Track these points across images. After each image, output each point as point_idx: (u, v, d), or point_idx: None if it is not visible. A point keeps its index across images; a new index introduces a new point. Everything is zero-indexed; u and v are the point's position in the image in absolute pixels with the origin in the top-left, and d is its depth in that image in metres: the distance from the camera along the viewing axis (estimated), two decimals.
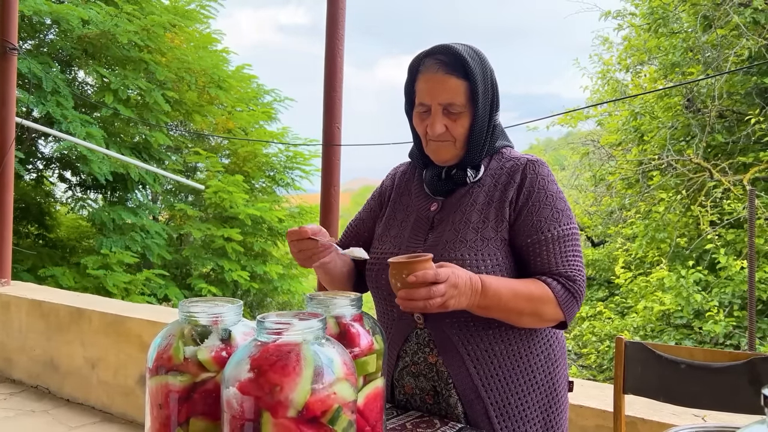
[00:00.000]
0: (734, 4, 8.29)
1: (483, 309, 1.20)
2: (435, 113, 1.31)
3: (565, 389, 1.40)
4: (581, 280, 1.28)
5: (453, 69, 1.29)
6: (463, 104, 1.30)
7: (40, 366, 3.88)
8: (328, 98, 3.26)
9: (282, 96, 10.93)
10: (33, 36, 8.72)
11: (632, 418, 1.90)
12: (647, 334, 7.76)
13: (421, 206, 1.41)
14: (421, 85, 1.33)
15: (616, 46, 10.88)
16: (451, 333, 1.29)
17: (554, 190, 1.32)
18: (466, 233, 1.30)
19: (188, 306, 0.96)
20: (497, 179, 1.35)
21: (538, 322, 1.27)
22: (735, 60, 8.22)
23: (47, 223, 9.39)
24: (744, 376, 1.49)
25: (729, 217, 7.87)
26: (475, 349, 1.28)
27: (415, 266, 1.09)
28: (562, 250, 1.28)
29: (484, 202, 1.33)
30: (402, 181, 1.50)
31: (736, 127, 8.65)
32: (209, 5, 9.80)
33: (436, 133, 1.31)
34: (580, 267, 1.29)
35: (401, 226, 1.41)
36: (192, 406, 0.91)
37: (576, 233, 1.32)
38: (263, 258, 9.64)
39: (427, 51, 1.34)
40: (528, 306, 1.22)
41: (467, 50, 1.32)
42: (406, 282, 1.09)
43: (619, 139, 10.40)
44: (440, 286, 1.09)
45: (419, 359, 1.33)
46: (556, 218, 1.29)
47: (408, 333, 1.34)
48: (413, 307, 1.10)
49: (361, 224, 1.54)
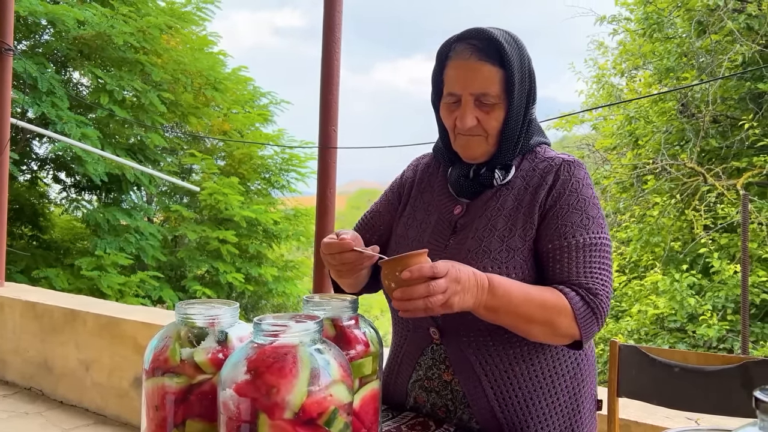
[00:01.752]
0: (728, 9, 8.36)
1: (491, 311, 1.06)
2: (465, 104, 1.17)
3: (592, 409, 1.28)
4: (605, 296, 1.12)
5: (487, 55, 1.15)
6: (497, 95, 1.16)
7: (33, 368, 3.86)
8: (325, 101, 3.27)
9: (278, 98, 10.95)
10: (28, 37, 8.70)
11: (626, 421, 1.91)
12: (641, 337, 7.79)
13: (444, 207, 1.28)
14: (450, 73, 1.19)
15: (611, 51, 10.94)
16: (468, 352, 1.18)
17: (588, 195, 1.19)
18: (491, 242, 1.17)
19: (185, 308, 0.96)
20: (528, 181, 1.21)
21: (550, 336, 1.11)
22: (729, 65, 8.28)
23: (41, 224, 9.37)
24: (737, 379, 1.50)
25: (722, 222, 7.92)
26: (494, 370, 1.18)
27: (408, 261, 0.97)
28: (587, 259, 1.14)
29: (513, 207, 1.20)
30: (425, 175, 1.36)
31: (729, 132, 8.71)
32: (206, 7, 9.80)
33: (467, 126, 1.18)
34: (605, 281, 1.14)
35: (421, 227, 1.29)
36: (188, 408, 0.92)
37: (607, 244, 1.17)
38: (258, 260, 9.63)
39: (459, 35, 1.20)
40: (540, 314, 1.08)
41: (503, 35, 1.18)
42: (400, 280, 0.97)
43: (614, 143, 10.45)
44: (440, 281, 0.96)
45: (433, 375, 1.24)
46: (585, 225, 1.16)
47: (424, 347, 1.25)
48: (413, 308, 0.97)
49: (378, 217, 1.40)
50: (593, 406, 1.29)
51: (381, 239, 1.37)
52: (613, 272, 1.18)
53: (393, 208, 1.39)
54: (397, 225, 1.35)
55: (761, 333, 7.29)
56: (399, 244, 1.31)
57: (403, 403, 1.32)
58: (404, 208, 1.36)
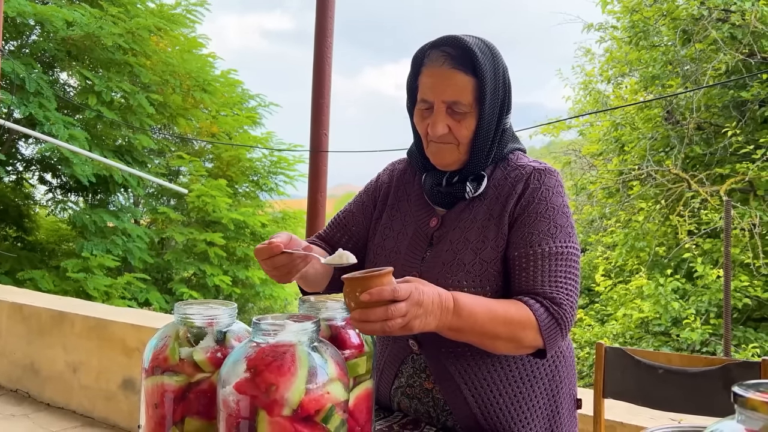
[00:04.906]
0: (713, 19, 8.49)
1: (455, 331, 1.04)
2: (438, 112, 1.17)
3: (571, 408, 1.30)
4: (569, 308, 1.12)
5: (460, 63, 1.15)
6: (469, 103, 1.16)
7: (20, 370, 3.84)
8: (316, 105, 3.29)
9: (267, 101, 10.95)
10: (16, 37, 8.63)
11: (611, 422, 1.94)
12: (626, 341, 7.87)
13: (420, 219, 1.28)
14: (424, 80, 1.19)
15: (598, 58, 11.06)
16: (448, 362, 1.19)
17: (557, 203, 1.18)
18: (465, 255, 1.18)
19: (184, 308, 0.98)
20: (500, 190, 1.21)
21: (514, 349, 1.11)
22: (713, 74, 8.42)
23: (26, 225, 9.29)
24: (719, 380, 1.54)
25: (706, 227, 8.03)
26: (473, 378, 1.19)
27: (370, 282, 0.93)
28: (552, 268, 1.13)
29: (485, 218, 1.20)
30: (401, 182, 1.36)
31: (713, 139, 8.84)
32: (195, 10, 9.79)
33: (438, 134, 1.17)
34: (570, 292, 1.13)
35: (398, 238, 1.29)
36: (187, 406, 0.93)
37: (574, 254, 1.16)
38: (246, 263, 9.61)
39: (433, 42, 1.19)
40: (505, 330, 1.06)
41: (478, 43, 1.17)
42: (359, 301, 0.93)
43: (600, 149, 10.56)
44: (400, 305, 0.93)
45: (415, 383, 1.25)
46: (552, 233, 1.15)
47: (404, 357, 1.26)
48: (369, 330, 0.94)
49: (350, 217, 1.40)
50: (573, 406, 1.31)
51: (352, 239, 1.38)
52: (579, 281, 1.17)
53: (367, 211, 1.39)
54: (374, 234, 1.35)
55: (743, 337, 7.39)
56: (377, 255, 1.31)
57: (388, 408, 1.33)
58: (380, 215, 1.36)
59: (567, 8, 10.03)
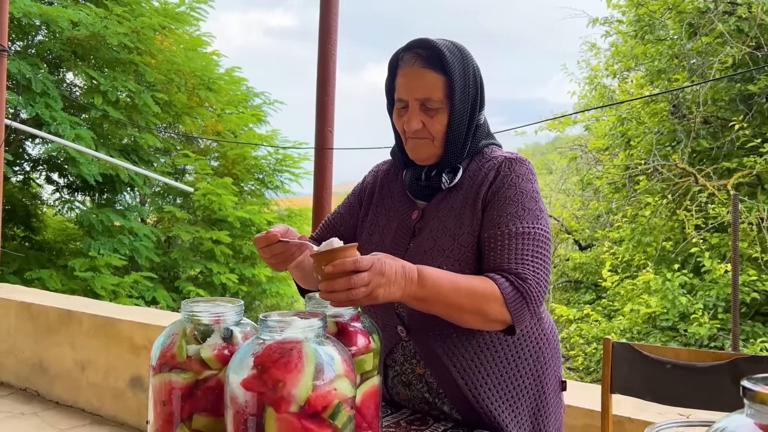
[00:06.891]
0: (719, 12, 8.43)
1: (420, 301, 1.08)
2: (412, 109, 1.26)
3: (556, 390, 1.36)
4: (534, 282, 1.15)
5: (430, 63, 1.24)
6: (440, 100, 1.24)
7: (28, 368, 3.86)
8: (321, 103, 3.29)
9: (271, 99, 10.95)
10: (22, 37, 8.67)
11: (619, 417, 1.94)
12: (633, 336, 7.85)
13: (403, 213, 1.36)
14: (399, 81, 1.29)
15: (603, 52, 11.00)
16: (435, 345, 1.25)
17: (527, 189, 1.24)
18: (444, 241, 1.25)
19: (191, 306, 0.99)
20: (474, 180, 1.29)
21: (481, 323, 1.15)
22: (719, 67, 8.36)
23: (33, 225, 9.33)
24: (727, 375, 1.53)
25: (713, 222, 7.99)
26: (461, 360, 1.24)
27: (334, 255, 0.99)
28: (518, 247, 1.18)
29: (461, 206, 1.27)
30: (385, 182, 1.45)
31: (720, 133, 8.79)
32: (199, 7, 9.79)
33: (412, 130, 1.26)
34: (537, 268, 1.17)
35: (383, 233, 1.37)
36: (195, 403, 0.94)
37: (542, 234, 1.21)
38: (252, 261, 9.63)
39: (406, 45, 1.29)
40: (469, 302, 1.11)
41: (447, 45, 1.26)
42: (325, 273, 0.99)
43: (606, 144, 10.52)
44: (362, 275, 0.98)
45: (407, 370, 1.31)
46: (520, 215, 1.21)
47: (393, 344, 1.32)
48: (336, 300, 0.99)
49: (338, 218, 1.50)
50: (558, 387, 1.37)
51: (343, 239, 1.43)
52: (549, 263, 1.21)
53: (354, 212, 1.48)
54: (362, 232, 1.43)
55: (751, 331, 7.36)
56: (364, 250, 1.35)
57: (391, 402, 1.37)
58: (366, 214, 1.44)
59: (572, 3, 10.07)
